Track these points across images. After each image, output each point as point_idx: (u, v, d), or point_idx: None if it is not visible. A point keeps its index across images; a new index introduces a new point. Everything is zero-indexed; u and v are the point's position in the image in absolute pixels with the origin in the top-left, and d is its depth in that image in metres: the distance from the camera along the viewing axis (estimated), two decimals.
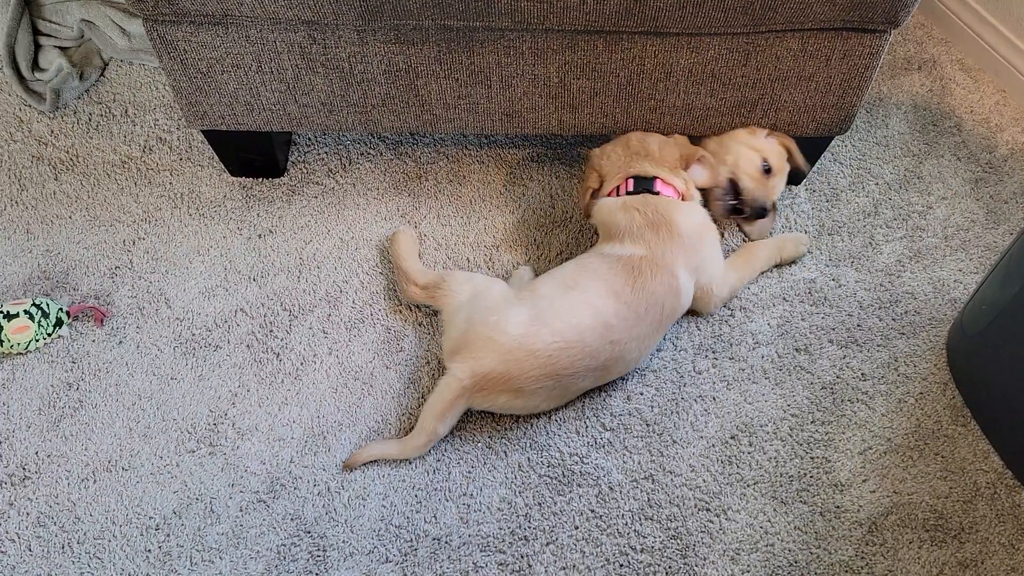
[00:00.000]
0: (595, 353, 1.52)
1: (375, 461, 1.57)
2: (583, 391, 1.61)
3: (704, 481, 1.57)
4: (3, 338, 1.63)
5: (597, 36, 1.58)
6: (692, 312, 1.73)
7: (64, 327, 1.69)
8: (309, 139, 1.99)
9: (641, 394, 1.65)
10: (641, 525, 1.53)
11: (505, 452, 1.59)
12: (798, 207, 1.90)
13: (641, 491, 1.56)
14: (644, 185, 1.67)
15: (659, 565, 1.49)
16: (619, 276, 1.57)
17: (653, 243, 1.59)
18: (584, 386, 1.59)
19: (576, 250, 1.82)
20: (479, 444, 1.59)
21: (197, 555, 1.49)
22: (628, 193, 1.67)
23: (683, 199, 1.69)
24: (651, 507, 1.54)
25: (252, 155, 1.87)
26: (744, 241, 1.83)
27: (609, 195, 1.70)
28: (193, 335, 1.72)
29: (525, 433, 1.60)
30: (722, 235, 1.78)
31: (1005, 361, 1.55)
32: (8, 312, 1.64)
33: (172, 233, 1.85)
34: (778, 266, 1.81)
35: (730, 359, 1.70)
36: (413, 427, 1.58)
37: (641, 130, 1.75)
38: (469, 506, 1.54)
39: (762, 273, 1.80)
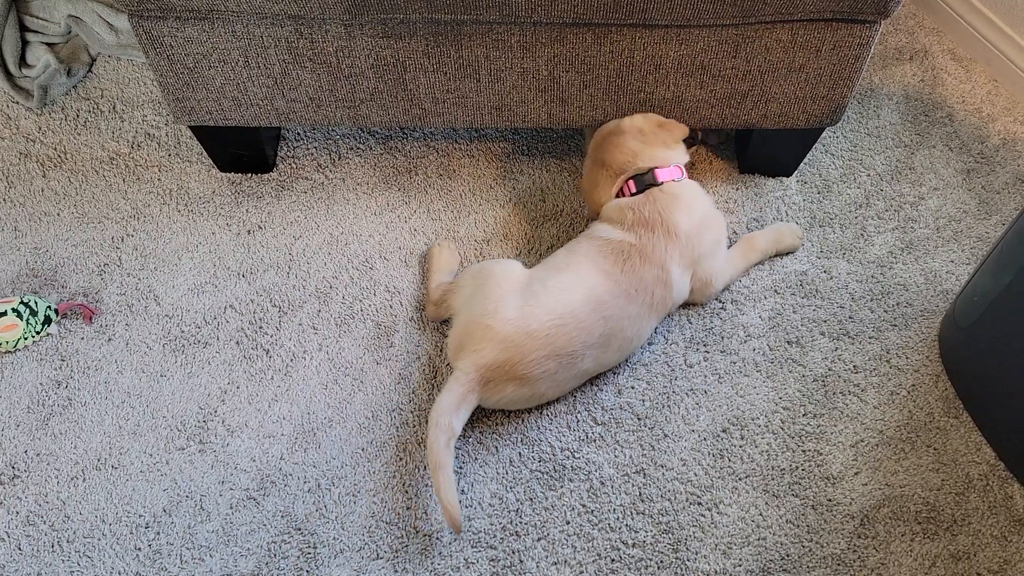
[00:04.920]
0: (590, 328, 1.52)
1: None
2: (586, 376, 1.60)
3: (695, 475, 1.57)
4: None
5: (586, 29, 1.57)
6: (686, 302, 1.72)
7: (52, 325, 1.68)
8: (298, 134, 1.98)
9: (632, 388, 1.65)
10: (633, 519, 1.52)
11: (496, 447, 1.58)
12: (789, 199, 1.89)
13: (632, 485, 1.56)
14: (645, 182, 1.64)
15: (651, 559, 1.49)
16: (608, 258, 1.58)
17: (644, 237, 1.58)
18: (585, 367, 1.56)
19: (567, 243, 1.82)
20: (470, 439, 1.59)
21: (187, 553, 1.49)
22: (632, 194, 1.65)
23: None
24: (642, 501, 1.54)
25: (240, 150, 1.86)
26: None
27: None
28: (182, 332, 1.71)
29: (516, 428, 1.60)
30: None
31: (997, 352, 1.54)
32: None
33: (161, 230, 1.84)
34: (773, 257, 1.81)
35: (721, 352, 1.69)
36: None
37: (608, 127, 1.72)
38: (460, 502, 1.53)
39: (758, 263, 1.79)
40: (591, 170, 1.72)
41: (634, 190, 1.65)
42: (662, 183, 1.63)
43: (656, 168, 1.65)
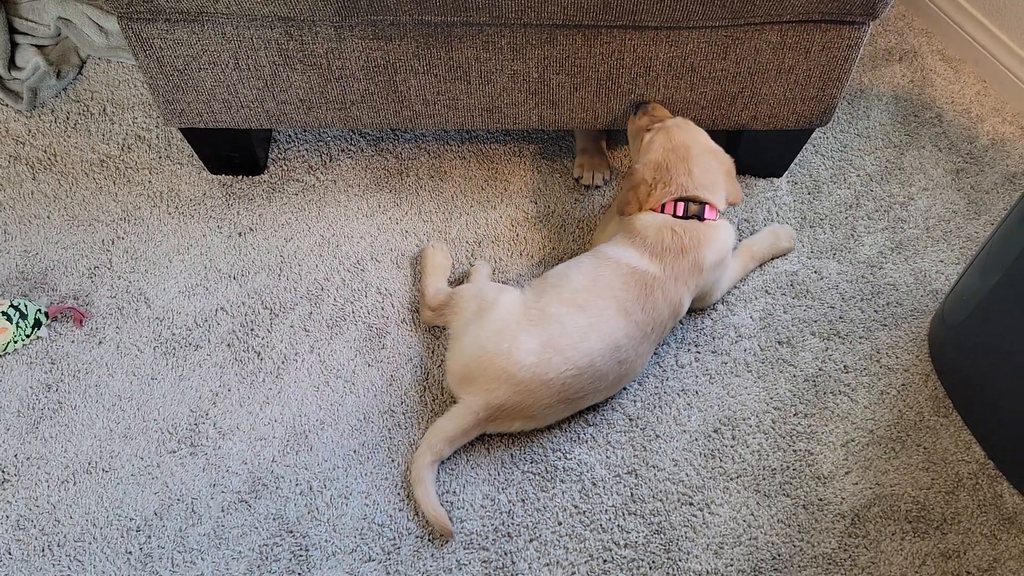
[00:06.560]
0: (605, 375, 1.53)
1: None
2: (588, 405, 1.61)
3: (687, 475, 1.57)
4: None
5: (576, 31, 1.57)
6: None
7: (43, 328, 1.68)
8: (289, 136, 1.98)
9: (624, 389, 1.65)
10: (624, 520, 1.53)
11: (488, 448, 1.58)
12: (780, 199, 1.90)
13: (624, 486, 1.56)
14: (695, 212, 1.59)
15: (643, 560, 1.49)
16: (631, 292, 1.54)
17: (669, 267, 1.56)
18: (590, 402, 1.59)
19: (558, 245, 1.82)
20: None
21: (179, 556, 1.48)
22: (675, 216, 1.60)
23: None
24: (634, 502, 1.54)
25: (231, 152, 1.86)
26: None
27: (653, 210, 1.62)
28: (173, 335, 1.70)
29: None
30: None
31: (986, 351, 1.55)
32: None
33: (151, 232, 1.83)
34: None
35: (712, 353, 1.70)
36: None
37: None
38: (452, 503, 1.53)
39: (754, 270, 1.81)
40: (641, 184, 1.63)
41: (680, 213, 1.60)
42: (706, 220, 1.60)
43: (708, 204, 1.60)
